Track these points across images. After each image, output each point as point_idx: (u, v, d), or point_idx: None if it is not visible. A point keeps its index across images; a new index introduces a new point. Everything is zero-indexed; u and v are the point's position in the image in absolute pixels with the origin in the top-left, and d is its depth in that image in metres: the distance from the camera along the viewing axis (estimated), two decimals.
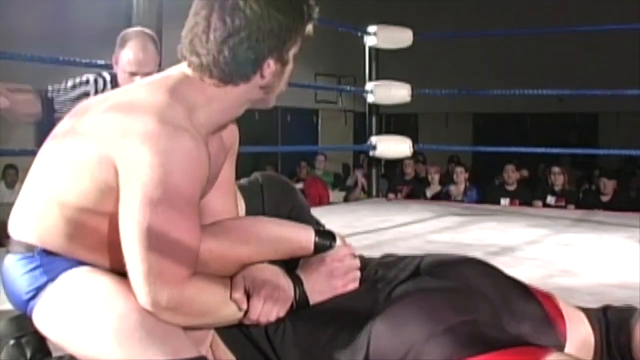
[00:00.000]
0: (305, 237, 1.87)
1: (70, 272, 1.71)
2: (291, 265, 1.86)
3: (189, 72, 1.73)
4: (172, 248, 1.59)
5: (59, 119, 1.83)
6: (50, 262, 1.72)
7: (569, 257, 4.06)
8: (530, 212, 6.89)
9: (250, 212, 2.09)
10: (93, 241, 1.69)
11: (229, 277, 1.75)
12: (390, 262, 1.96)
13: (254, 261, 1.79)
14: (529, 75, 13.10)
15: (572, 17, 12.01)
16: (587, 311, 1.95)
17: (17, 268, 1.74)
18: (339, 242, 1.89)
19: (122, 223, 1.60)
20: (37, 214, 1.73)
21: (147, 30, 3.46)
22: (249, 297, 1.71)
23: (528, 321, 1.78)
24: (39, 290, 1.71)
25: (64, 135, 1.73)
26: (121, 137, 1.59)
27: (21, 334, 1.81)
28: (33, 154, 1.82)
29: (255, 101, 1.80)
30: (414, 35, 7.24)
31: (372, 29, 7.11)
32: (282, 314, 1.75)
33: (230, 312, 1.71)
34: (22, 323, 1.80)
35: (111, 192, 1.62)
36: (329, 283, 1.82)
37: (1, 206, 8.16)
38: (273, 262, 1.83)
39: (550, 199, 8.36)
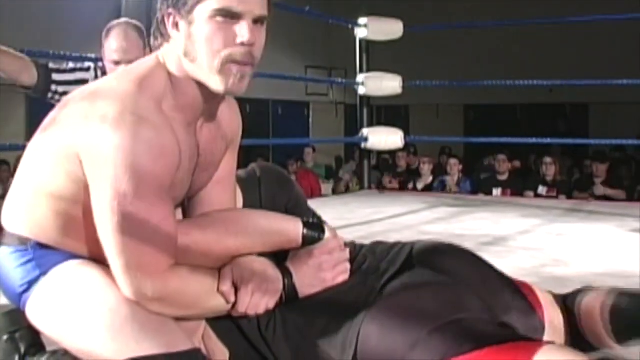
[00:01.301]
0: (293, 229, 1.85)
1: (62, 265, 1.71)
2: (280, 257, 1.86)
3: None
4: (147, 238, 1.59)
5: (53, 106, 1.82)
6: (42, 255, 1.72)
7: (561, 247, 4.07)
8: (522, 202, 6.91)
9: (247, 203, 2.09)
10: (81, 232, 1.69)
11: (217, 269, 1.74)
12: (381, 251, 1.95)
13: (241, 253, 1.79)
14: (519, 66, 13.09)
15: (562, 7, 12.00)
16: (555, 296, 2.00)
17: (9, 261, 1.74)
18: (327, 234, 1.87)
19: (96, 218, 1.61)
20: (27, 206, 1.74)
21: (131, 20, 3.46)
22: (236, 289, 1.71)
23: (514, 311, 1.81)
24: (31, 283, 1.71)
25: (47, 127, 1.73)
26: (83, 128, 1.59)
27: (15, 328, 1.80)
28: (24, 148, 1.82)
29: (185, 73, 1.70)
30: (405, 26, 7.24)
31: (362, 20, 7.11)
32: (270, 305, 1.74)
33: (217, 304, 1.71)
34: (16, 317, 1.80)
35: (81, 183, 1.62)
36: (317, 275, 1.81)
37: None
38: (262, 255, 1.82)
39: (542, 189, 8.36)
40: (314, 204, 2.45)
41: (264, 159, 11.14)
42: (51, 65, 3.45)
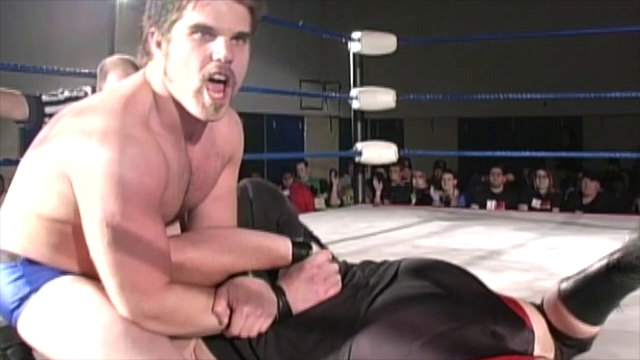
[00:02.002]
0: (283, 246, 1.87)
1: (53, 282, 1.71)
2: (274, 276, 1.87)
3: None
4: (140, 257, 1.58)
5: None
6: (32, 272, 1.72)
7: (555, 260, 4.07)
8: (516, 215, 6.91)
9: (239, 218, 2.09)
10: (72, 249, 1.69)
11: (213, 287, 1.74)
12: (369, 268, 1.97)
13: (235, 269, 1.79)
14: (512, 79, 13.13)
15: (555, 20, 12.04)
16: (534, 305, 2.02)
17: (0, 277, 1.74)
18: (315, 249, 1.89)
19: (87, 237, 1.60)
20: (18, 223, 1.74)
21: (125, 56, 3.40)
22: (231, 310, 1.71)
23: (503, 323, 1.80)
24: (22, 300, 1.71)
25: (38, 145, 1.72)
26: (71, 148, 1.58)
27: (7, 345, 1.80)
28: (17, 163, 1.81)
29: (167, 92, 1.68)
30: (398, 40, 7.25)
31: (356, 35, 7.11)
32: (263, 329, 1.74)
33: (211, 323, 1.71)
34: (8, 334, 1.80)
35: (72, 204, 1.61)
36: (310, 289, 1.82)
37: None
38: (257, 274, 1.82)
39: (535, 202, 8.38)
40: (308, 218, 2.46)
41: (258, 173, 11.15)
42: (44, 97, 3.42)
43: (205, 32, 1.59)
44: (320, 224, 5.50)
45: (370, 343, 1.67)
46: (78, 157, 1.56)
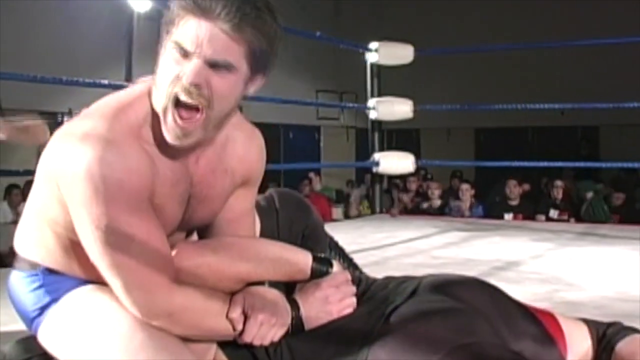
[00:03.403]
0: (302, 260, 1.85)
1: (73, 292, 1.72)
2: (290, 289, 1.86)
3: None
4: (136, 256, 1.58)
5: None
6: (52, 282, 1.73)
7: (574, 271, 4.05)
8: (533, 226, 6.88)
9: (264, 229, 2.08)
10: (84, 257, 1.67)
11: (228, 294, 1.74)
12: (390, 285, 1.94)
13: (252, 279, 1.78)
14: (529, 89, 13.10)
15: (572, 30, 12.01)
16: (592, 324, 1.93)
17: (22, 285, 1.77)
18: (335, 268, 1.87)
19: (83, 245, 1.61)
20: (34, 231, 1.75)
21: None
22: (246, 317, 1.71)
23: (529, 339, 1.74)
24: (43, 309, 1.73)
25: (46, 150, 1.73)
26: (55, 153, 1.60)
27: (28, 356, 1.81)
28: (34, 173, 1.81)
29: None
30: (415, 50, 7.25)
31: (373, 45, 7.12)
32: (276, 338, 1.73)
33: (224, 327, 1.70)
34: (29, 345, 1.80)
35: (67, 209, 1.62)
36: (323, 308, 1.80)
37: (5, 225, 8.17)
38: (273, 285, 1.83)
39: (553, 212, 8.35)
40: (326, 228, 2.44)
41: (275, 183, 11.15)
42: (64, 120, 3.46)
43: (182, 52, 1.54)
44: (339, 234, 5.47)
45: (388, 354, 1.64)
46: (60, 160, 1.57)
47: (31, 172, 3.91)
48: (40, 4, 10.47)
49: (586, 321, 1.94)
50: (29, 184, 1.83)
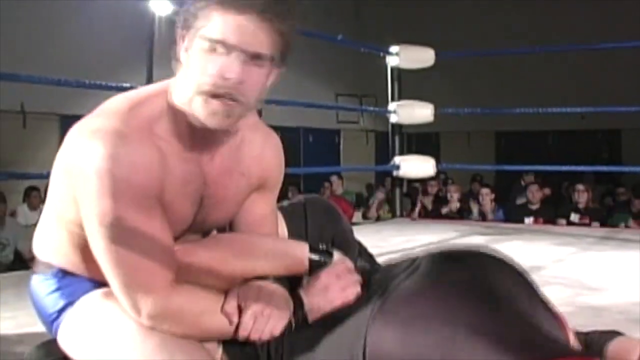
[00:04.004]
0: (299, 252, 1.82)
1: (87, 296, 1.72)
2: (295, 285, 1.83)
3: None
4: (139, 254, 1.58)
5: None
6: (68, 284, 1.75)
7: (596, 275, 4.02)
8: (555, 230, 6.84)
9: (292, 235, 2.06)
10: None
11: (224, 291, 1.71)
12: (395, 264, 1.87)
13: (248, 275, 1.76)
14: (550, 93, 13.05)
15: (594, 33, 11.95)
16: (577, 334, 1.90)
17: (41, 288, 1.79)
18: (335, 258, 1.84)
19: (88, 239, 1.61)
20: (51, 232, 1.77)
21: None
22: (241, 311, 1.68)
23: (547, 325, 1.61)
24: (60, 312, 1.75)
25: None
26: (70, 150, 1.60)
27: (49, 359, 1.81)
28: None
29: (182, 103, 1.63)
30: (435, 54, 7.23)
31: (394, 49, 7.10)
32: (275, 332, 1.69)
33: (221, 325, 1.67)
34: (49, 349, 1.81)
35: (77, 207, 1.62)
36: (325, 298, 1.76)
37: (25, 228, 8.22)
38: (277, 281, 1.80)
39: (574, 217, 8.30)
40: None
41: (295, 187, 11.16)
42: None
43: (222, 46, 1.55)
44: (359, 237, 5.47)
45: (394, 334, 1.55)
46: (72, 155, 1.58)
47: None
48: (61, 7, 10.54)
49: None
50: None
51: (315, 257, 1.82)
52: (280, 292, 1.76)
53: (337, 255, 1.85)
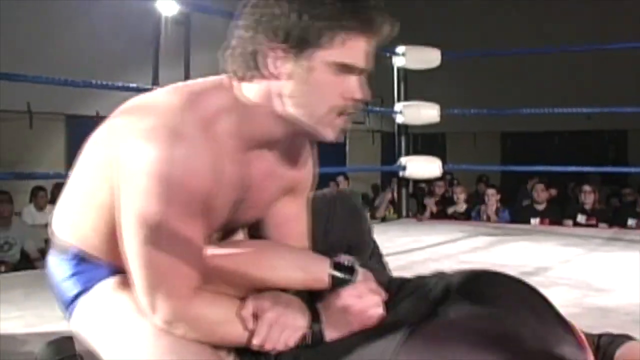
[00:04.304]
0: (319, 268, 1.74)
1: (102, 284, 1.72)
2: (315, 299, 1.76)
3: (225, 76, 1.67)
4: (172, 260, 1.55)
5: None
6: (84, 270, 1.74)
7: (603, 276, 4.01)
8: (561, 231, 6.83)
9: (314, 229, 2.02)
10: (117, 241, 1.64)
11: (242, 299, 1.68)
12: (418, 285, 1.81)
13: (265, 286, 1.72)
14: (556, 93, 13.04)
15: (600, 34, 11.94)
16: (586, 335, 1.90)
17: (58, 271, 1.78)
18: (359, 276, 1.74)
19: (122, 234, 1.58)
20: (75, 215, 1.74)
21: None
22: (257, 320, 1.65)
23: (566, 346, 1.65)
24: (75, 298, 1.74)
25: (97, 137, 1.72)
26: (122, 141, 1.56)
27: (59, 357, 1.81)
28: (66, 177, 1.82)
29: (287, 116, 1.62)
30: (441, 54, 7.22)
31: (400, 49, 7.10)
32: (290, 343, 1.64)
33: (236, 333, 1.63)
34: (60, 346, 1.81)
35: (113, 197, 1.61)
36: (344, 318, 1.68)
37: (33, 228, 8.23)
38: (297, 294, 1.75)
39: (581, 218, 8.29)
40: None
41: None
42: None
43: (348, 70, 1.59)
44: None
45: None
46: (126, 151, 1.54)
47: (61, 176, 3.94)
48: (67, 8, 10.55)
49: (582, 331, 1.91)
50: (58, 186, 1.82)
51: (337, 274, 1.74)
52: (297, 303, 1.71)
53: (360, 272, 1.76)
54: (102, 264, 1.72)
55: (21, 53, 9.26)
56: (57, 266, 1.78)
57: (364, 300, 1.70)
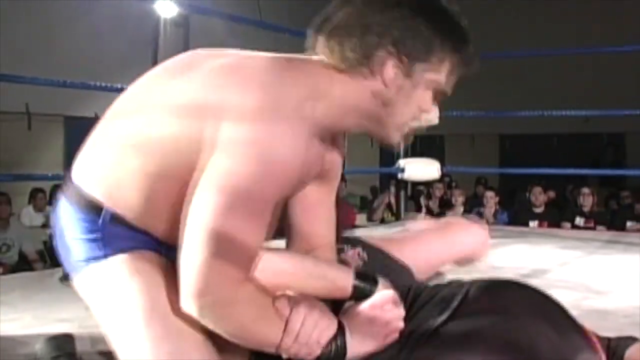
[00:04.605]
0: (342, 277, 1.73)
1: (117, 258, 1.61)
2: (335, 311, 1.75)
3: (321, 56, 1.66)
4: (239, 241, 1.49)
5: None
6: (112, 236, 1.61)
7: (602, 279, 4.00)
8: (560, 233, 6.83)
9: None
10: (160, 209, 1.60)
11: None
12: (433, 294, 1.83)
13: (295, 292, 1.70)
14: (554, 96, 13.04)
15: (598, 36, 11.95)
16: (598, 338, 1.91)
17: (75, 228, 1.64)
18: (380, 287, 1.74)
19: (192, 204, 1.50)
20: (118, 166, 1.62)
21: None
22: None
23: (584, 352, 1.67)
24: (87, 261, 1.62)
25: (163, 78, 1.67)
26: (218, 108, 1.52)
27: (57, 354, 1.81)
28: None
29: (371, 116, 1.68)
30: None
31: None
32: (322, 341, 1.62)
33: (268, 331, 1.58)
34: (58, 343, 1.80)
35: (191, 161, 1.53)
36: (370, 331, 1.68)
37: (31, 229, 8.22)
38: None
39: (579, 220, 8.29)
40: (349, 234, 2.43)
41: None
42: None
43: (439, 92, 1.73)
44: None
45: None
46: (225, 120, 1.50)
47: (59, 177, 3.94)
48: (65, 9, 10.55)
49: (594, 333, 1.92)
50: (57, 188, 1.76)
51: (360, 284, 1.73)
52: (325, 308, 1.70)
53: (382, 283, 1.76)
54: (131, 232, 1.62)
55: (20, 54, 9.26)
56: (76, 223, 1.63)
57: (387, 313, 1.70)
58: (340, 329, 1.66)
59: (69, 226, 1.65)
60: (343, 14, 1.64)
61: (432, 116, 1.74)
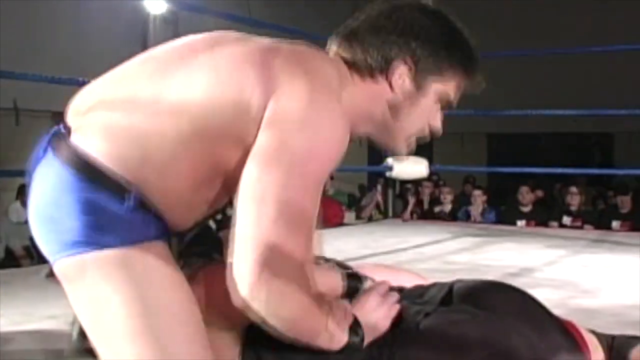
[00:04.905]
0: (335, 279, 1.83)
1: (120, 250, 1.44)
2: None
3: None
4: (299, 223, 1.45)
5: None
6: (127, 223, 1.45)
7: (589, 278, 4.02)
8: (547, 232, 6.85)
9: None
10: (212, 192, 1.55)
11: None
12: (418, 293, 1.88)
13: None
14: (542, 95, 13.07)
15: (587, 36, 11.98)
16: (598, 335, 1.92)
17: (72, 203, 1.44)
18: (368, 282, 1.85)
19: (249, 181, 1.45)
20: (139, 131, 1.48)
21: None
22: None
23: (563, 351, 1.70)
24: (88, 245, 1.44)
25: (201, 44, 1.64)
26: (267, 82, 1.49)
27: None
28: None
29: (382, 124, 1.73)
30: None
31: None
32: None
33: (317, 323, 1.52)
34: None
35: (243, 141, 1.48)
36: (381, 315, 1.70)
37: (18, 225, 8.19)
38: None
39: (566, 219, 8.31)
40: (337, 232, 2.43)
41: None
42: None
43: (445, 103, 1.77)
44: (351, 238, 5.49)
45: None
46: (286, 107, 1.48)
47: None
48: (55, 6, 10.51)
49: (593, 331, 1.93)
50: None
51: (350, 282, 1.84)
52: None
53: (369, 279, 1.87)
54: (147, 218, 1.48)
55: (8, 50, 9.21)
56: (76, 193, 1.44)
57: (387, 299, 1.76)
58: (356, 322, 1.64)
59: (62, 197, 1.45)
60: (367, 23, 1.71)
61: (438, 127, 1.77)
